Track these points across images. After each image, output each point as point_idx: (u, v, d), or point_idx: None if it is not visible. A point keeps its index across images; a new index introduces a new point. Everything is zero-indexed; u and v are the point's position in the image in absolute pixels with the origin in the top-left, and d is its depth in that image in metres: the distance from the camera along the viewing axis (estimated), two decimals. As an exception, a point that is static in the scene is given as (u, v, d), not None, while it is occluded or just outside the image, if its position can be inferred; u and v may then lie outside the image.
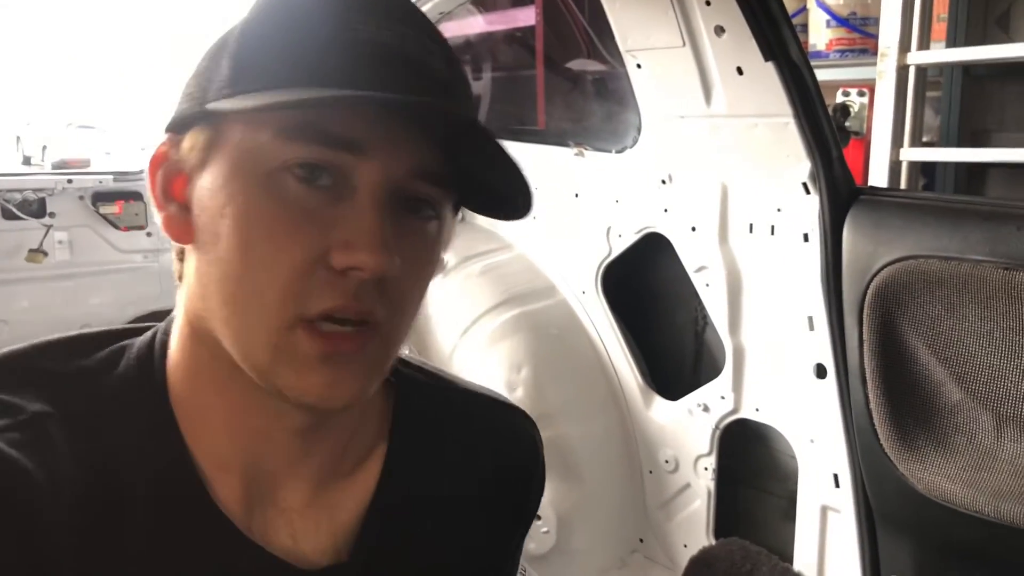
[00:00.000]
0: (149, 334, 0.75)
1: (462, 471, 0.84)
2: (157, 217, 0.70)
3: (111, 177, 2.99)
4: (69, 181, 2.88)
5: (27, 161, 3.34)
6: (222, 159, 0.65)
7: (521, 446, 0.91)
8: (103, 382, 0.70)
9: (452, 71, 0.68)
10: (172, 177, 0.69)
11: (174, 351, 0.72)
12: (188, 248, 0.70)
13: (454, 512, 0.83)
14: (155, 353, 0.73)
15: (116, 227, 3.02)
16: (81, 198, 2.95)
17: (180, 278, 0.73)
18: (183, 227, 0.68)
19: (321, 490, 0.75)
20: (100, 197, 2.97)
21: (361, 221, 0.62)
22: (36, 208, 2.86)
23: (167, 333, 0.74)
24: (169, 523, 0.68)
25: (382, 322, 0.65)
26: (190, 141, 0.67)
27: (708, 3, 1.60)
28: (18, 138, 3.57)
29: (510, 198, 0.69)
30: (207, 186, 0.66)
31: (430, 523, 0.81)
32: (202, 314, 0.68)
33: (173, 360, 0.72)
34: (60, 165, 3.07)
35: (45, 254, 2.86)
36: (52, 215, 2.89)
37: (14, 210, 2.80)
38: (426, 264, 0.69)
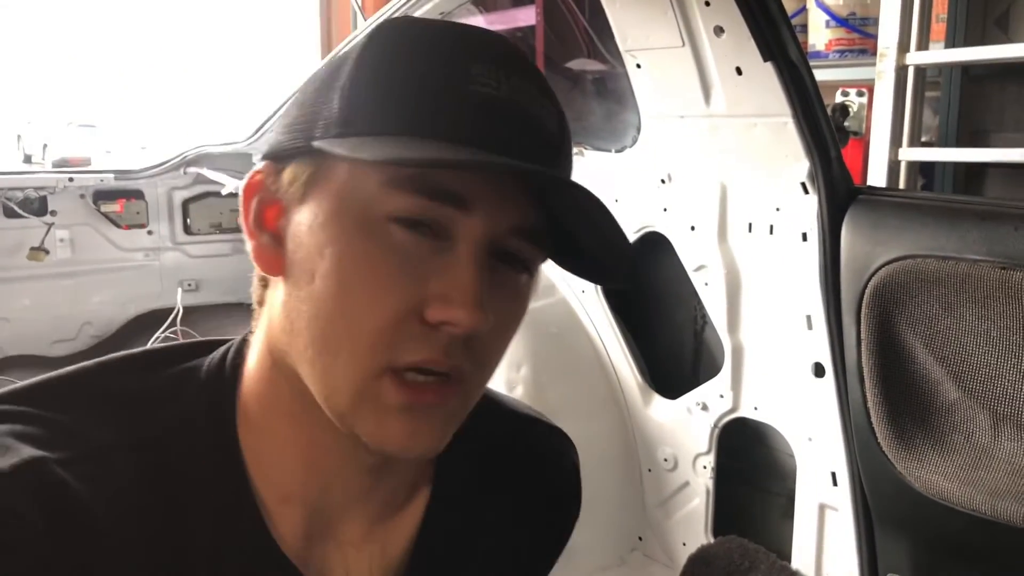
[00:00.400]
0: (219, 355, 0.74)
1: (505, 497, 0.84)
2: (248, 244, 0.69)
3: (112, 175, 2.99)
4: (70, 179, 2.88)
5: (28, 159, 3.36)
6: (324, 198, 0.64)
7: (563, 471, 0.91)
8: (170, 408, 0.69)
9: (562, 130, 0.67)
10: (266, 206, 0.68)
11: (252, 380, 0.71)
12: (274, 278, 0.69)
13: (497, 538, 0.83)
14: (226, 379, 0.71)
15: (117, 225, 3.03)
16: (82, 196, 2.96)
17: (260, 303, 0.72)
18: (274, 258, 0.67)
19: (376, 524, 0.75)
20: (101, 195, 2.98)
21: (459, 276, 0.61)
22: (37, 206, 2.87)
23: (239, 356, 0.72)
24: (230, 559, 0.67)
25: (467, 377, 0.65)
26: (291, 174, 0.66)
27: (707, 3, 1.60)
28: (19, 136, 3.58)
29: (610, 265, 0.69)
30: (306, 223, 0.64)
31: (474, 551, 0.80)
32: (286, 348, 0.67)
33: (249, 389, 0.71)
34: (61, 163, 3.08)
35: (46, 252, 2.87)
36: (53, 213, 2.90)
37: (16, 208, 2.80)
38: (514, 320, 0.69)
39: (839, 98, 2.64)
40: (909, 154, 2.41)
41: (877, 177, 2.45)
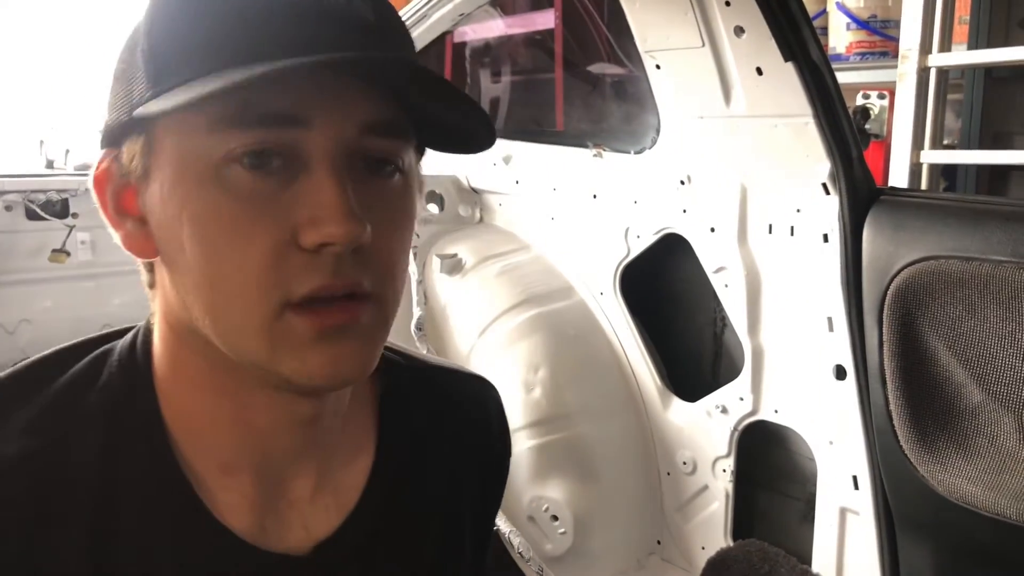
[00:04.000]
0: (129, 339, 0.73)
1: (444, 442, 0.86)
2: (115, 237, 0.67)
3: (133, 179, 3.02)
4: (92, 182, 2.91)
5: (50, 165, 3.39)
6: (164, 164, 0.62)
7: (490, 411, 0.94)
8: (87, 398, 0.69)
9: (379, 13, 0.64)
10: (121, 192, 0.67)
11: (162, 363, 0.70)
12: (156, 260, 0.68)
13: (443, 478, 0.85)
14: (138, 362, 0.71)
15: (138, 228, 3.05)
16: (104, 199, 2.98)
17: (152, 286, 0.71)
18: (144, 242, 0.67)
19: (325, 476, 0.75)
20: (122, 198, 3.00)
21: (321, 194, 0.59)
22: (59, 209, 2.89)
23: (148, 335, 0.72)
24: (164, 539, 0.67)
25: (371, 291, 0.63)
26: (128, 152, 0.64)
27: (728, 4, 1.60)
28: (41, 142, 3.62)
29: (472, 132, 0.67)
30: (157, 195, 0.63)
31: (423, 490, 0.83)
32: (189, 324, 0.66)
33: (163, 372, 0.70)
34: (82, 168, 3.10)
35: (68, 254, 2.89)
36: (75, 215, 2.91)
37: (38, 210, 2.83)
38: (402, 221, 0.67)
39: (860, 101, 2.62)
40: (931, 157, 2.40)
41: (898, 180, 2.43)
